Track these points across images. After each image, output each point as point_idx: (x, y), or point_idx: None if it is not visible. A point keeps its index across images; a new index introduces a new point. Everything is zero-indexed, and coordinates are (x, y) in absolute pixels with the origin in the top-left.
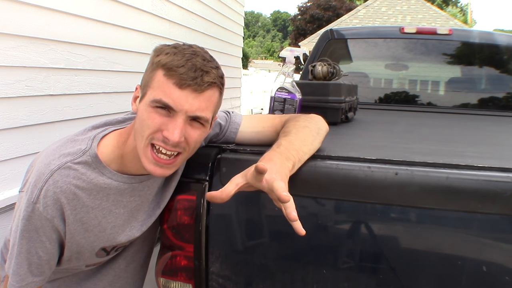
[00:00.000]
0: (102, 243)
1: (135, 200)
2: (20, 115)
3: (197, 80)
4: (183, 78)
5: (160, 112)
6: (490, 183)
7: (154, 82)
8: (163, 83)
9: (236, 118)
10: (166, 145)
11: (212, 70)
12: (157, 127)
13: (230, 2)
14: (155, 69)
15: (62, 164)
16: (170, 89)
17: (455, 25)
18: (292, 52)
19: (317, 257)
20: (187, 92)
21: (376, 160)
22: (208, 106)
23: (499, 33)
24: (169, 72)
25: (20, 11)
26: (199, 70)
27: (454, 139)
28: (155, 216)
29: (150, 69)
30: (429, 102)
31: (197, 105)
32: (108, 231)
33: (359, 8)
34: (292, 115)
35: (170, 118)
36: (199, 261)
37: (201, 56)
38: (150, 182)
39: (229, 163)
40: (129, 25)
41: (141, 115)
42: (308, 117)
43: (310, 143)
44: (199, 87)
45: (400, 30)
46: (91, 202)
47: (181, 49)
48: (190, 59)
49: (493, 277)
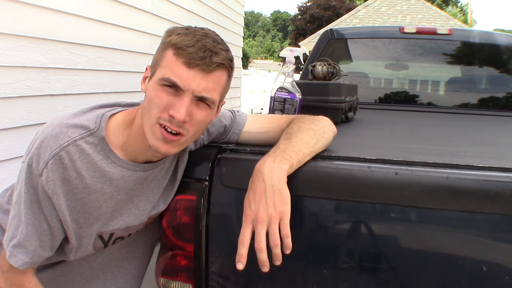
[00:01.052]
0: (100, 228)
1: (137, 188)
2: (20, 115)
3: (206, 60)
4: (192, 57)
5: (167, 91)
6: (490, 183)
7: (163, 61)
8: (172, 62)
9: (240, 119)
10: (171, 124)
11: (221, 51)
12: (164, 106)
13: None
14: (165, 49)
15: (71, 140)
16: (178, 68)
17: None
18: (292, 52)
19: (317, 257)
20: (195, 72)
21: (376, 160)
22: (216, 87)
23: (499, 33)
24: (179, 52)
25: (20, 11)
26: (208, 51)
27: (454, 139)
28: (156, 210)
29: (161, 48)
30: (429, 102)
31: (204, 85)
32: (108, 215)
33: (359, 8)
34: (298, 115)
35: (177, 97)
36: (199, 261)
37: (212, 38)
38: (155, 171)
39: (229, 163)
40: (129, 25)
41: (149, 94)
42: (315, 120)
43: (312, 146)
44: (207, 67)
45: (400, 30)
46: (93, 184)
47: (192, 30)
48: (201, 39)
49: (493, 277)
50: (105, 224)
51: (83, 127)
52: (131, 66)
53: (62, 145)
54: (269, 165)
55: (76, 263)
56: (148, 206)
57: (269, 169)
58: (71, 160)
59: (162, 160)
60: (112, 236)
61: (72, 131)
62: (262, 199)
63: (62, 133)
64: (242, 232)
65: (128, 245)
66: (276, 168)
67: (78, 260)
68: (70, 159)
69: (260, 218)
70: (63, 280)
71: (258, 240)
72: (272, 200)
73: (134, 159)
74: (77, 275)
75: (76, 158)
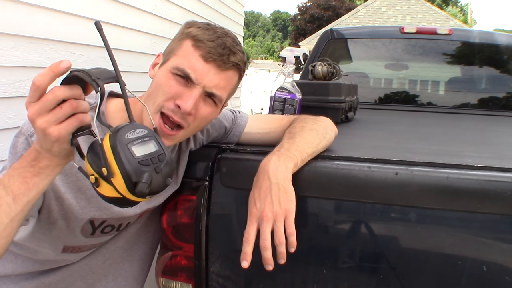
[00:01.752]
0: (92, 212)
1: None
2: (20, 115)
3: (224, 58)
4: (210, 51)
5: (178, 80)
6: (490, 183)
7: (180, 50)
8: (189, 53)
9: (241, 121)
10: (175, 114)
11: (239, 52)
12: (172, 95)
13: (230, 2)
14: (184, 39)
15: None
16: (195, 59)
17: (455, 25)
18: (292, 52)
19: (317, 257)
20: (211, 67)
21: (376, 160)
22: (226, 86)
23: (499, 33)
24: (198, 43)
25: (20, 11)
26: (227, 49)
27: (454, 139)
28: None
29: (179, 38)
30: (429, 102)
31: (216, 82)
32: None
33: (359, 8)
34: (300, 116)
35: (186, 89)
36: (199, 261)
37: (232, 38)
38: None
39: (229, 163)
40: (129, 25)
41: (158, 80)
42: (317, 120)
43: (315, 146)
44: (223, 64)
45: (400, 30)
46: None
47: (213, 27)
48: (221, 37)
49: (493, 277)
50: (98, 210)
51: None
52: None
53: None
54: (274, 163)
55: (77, 267)
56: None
57: (275, 167)
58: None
59: None
60: (103, 224)
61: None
62: (267, 197)
63: None
64: (247, 230)
65: (129, 248)
66: (281, 166)
67: (79, 264)
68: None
69: (266, 216)
70: (64, 285)
71: (263, 238)
72: (278, 198)
73: None
74: (78, 279)
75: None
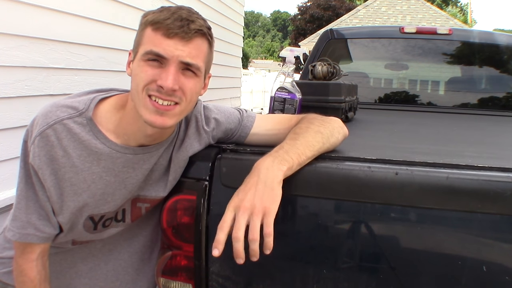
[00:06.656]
0: (90, 210)
1: (128, 171)
2: (20, 115)
3: (184, 28)
4: (170, 27)
5: (152, 65)
6: (490, 183)
7: (144, 39)
8: (152, 37)
9: (248, 121)
10: (161, 94)
11: (198, 19)
12: (150, 78)
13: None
14: (144, 28)
15: (58, 119)
16: (159, 40)
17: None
18: (292, 52)
19: (317, 257)
20: (176, 40)
21: (376, 160)
22: (198, 54)
23: (499, 33)
24: (157, 25)
25: (20, 11)
26: (185, 20)
27: (454, 139)
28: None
29: (140, 29)
30: (429, 102)
31: (187, 51)
32: (97, 197)
33: (359, 8)
34: (309, 114)
35: (162, 69)
36: (199, 261)
37: (187, 9)
38: (146, 156)
39: (229, 163)
40: (129, 25)
41: (135, 72)
42: (325, 121)
43: (316, 149)
44: (186, 35)
45: (400, 30)
46: (81, 163)
47: (167, 7)
48: (176, 12)
49: (493, 277)
50: (96, 207)
51: (73, 107)
52: None
53: (49, 123)
54: (267, 164)
55: (77, 249)
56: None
57: (266, 168)
58: (57, 138)
59: (155, 145)
60: (103, 218)
61: (62, 110)
62: (251, 189)
63: (51, 112)
64: (223, 218)
65: (129, 238)
66: (274, 167)
67: (79, 246)
68: (56, 137)
69: (243, 206)
70: (66, 264)
71: (237, 228)
72: (261, 193)
73: (127, 143)
74: (79, 260)
75: (63, 136)
